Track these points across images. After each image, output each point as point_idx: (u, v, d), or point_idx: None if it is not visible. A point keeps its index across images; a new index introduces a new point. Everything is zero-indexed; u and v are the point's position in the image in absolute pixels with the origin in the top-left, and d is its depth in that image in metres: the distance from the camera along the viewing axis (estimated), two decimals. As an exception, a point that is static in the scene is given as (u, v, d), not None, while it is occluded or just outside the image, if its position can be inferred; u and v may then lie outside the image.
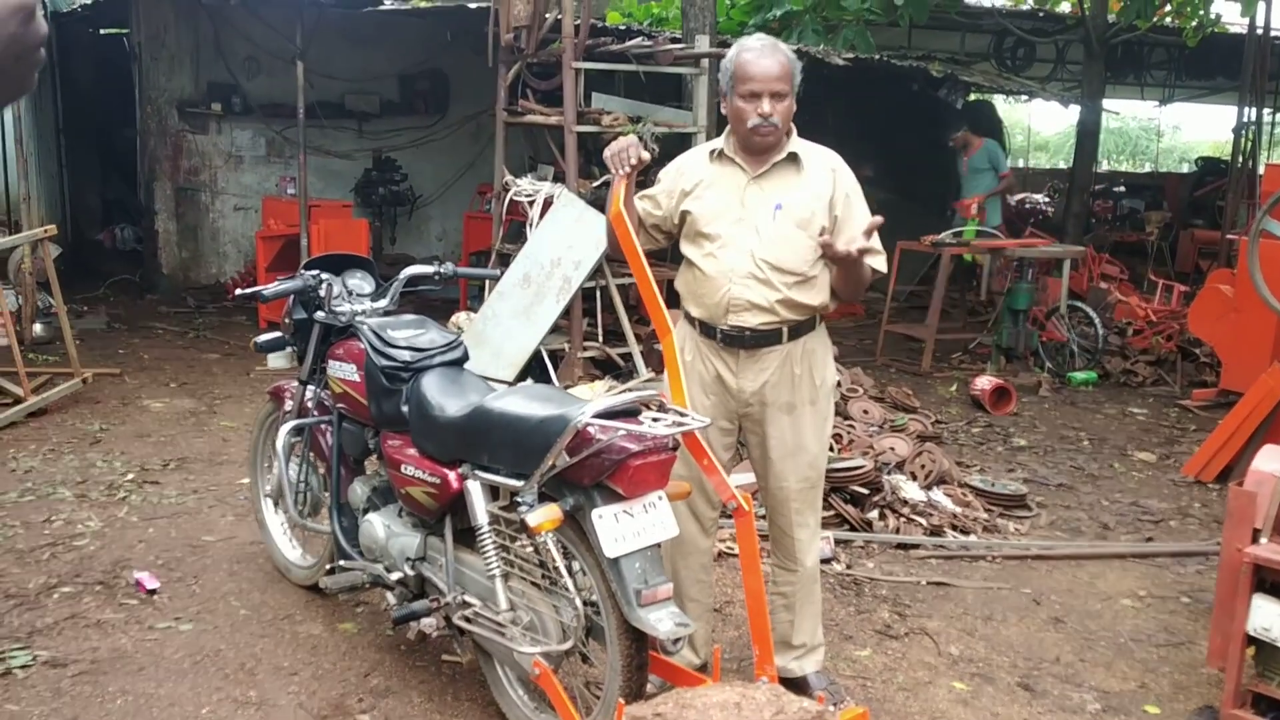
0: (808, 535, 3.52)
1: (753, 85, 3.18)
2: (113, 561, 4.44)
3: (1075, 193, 11.82)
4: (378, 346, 3.53)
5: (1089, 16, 11.25)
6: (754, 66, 3.18)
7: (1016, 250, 8.68)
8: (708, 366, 3.40)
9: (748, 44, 3.26)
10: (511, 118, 7.60)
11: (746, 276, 3.26)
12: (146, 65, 10.29)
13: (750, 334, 3.28)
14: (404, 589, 3.50)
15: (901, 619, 4.27)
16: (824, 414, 3.44)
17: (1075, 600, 4.52)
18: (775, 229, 3.25)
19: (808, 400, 3.36)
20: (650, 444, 2.82)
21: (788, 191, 3.27)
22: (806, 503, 3.48)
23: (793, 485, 3.43)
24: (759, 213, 3.27)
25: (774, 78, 3.17)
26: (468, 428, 3.15)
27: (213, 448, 6.02)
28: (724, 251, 3.28)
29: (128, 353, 8.15)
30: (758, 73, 3.17)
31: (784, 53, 3.22)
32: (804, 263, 3.26)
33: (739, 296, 3.27)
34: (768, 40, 3.28)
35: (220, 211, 10.82)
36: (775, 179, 3.28)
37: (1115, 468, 6.44)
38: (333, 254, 4.12)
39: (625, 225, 3.22)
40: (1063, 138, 39.53)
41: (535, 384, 3.84)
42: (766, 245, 3.25)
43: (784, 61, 3.19)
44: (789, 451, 3.39)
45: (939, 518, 5.23)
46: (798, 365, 3.32)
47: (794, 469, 3.41)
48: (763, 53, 3.20)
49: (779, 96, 3.18)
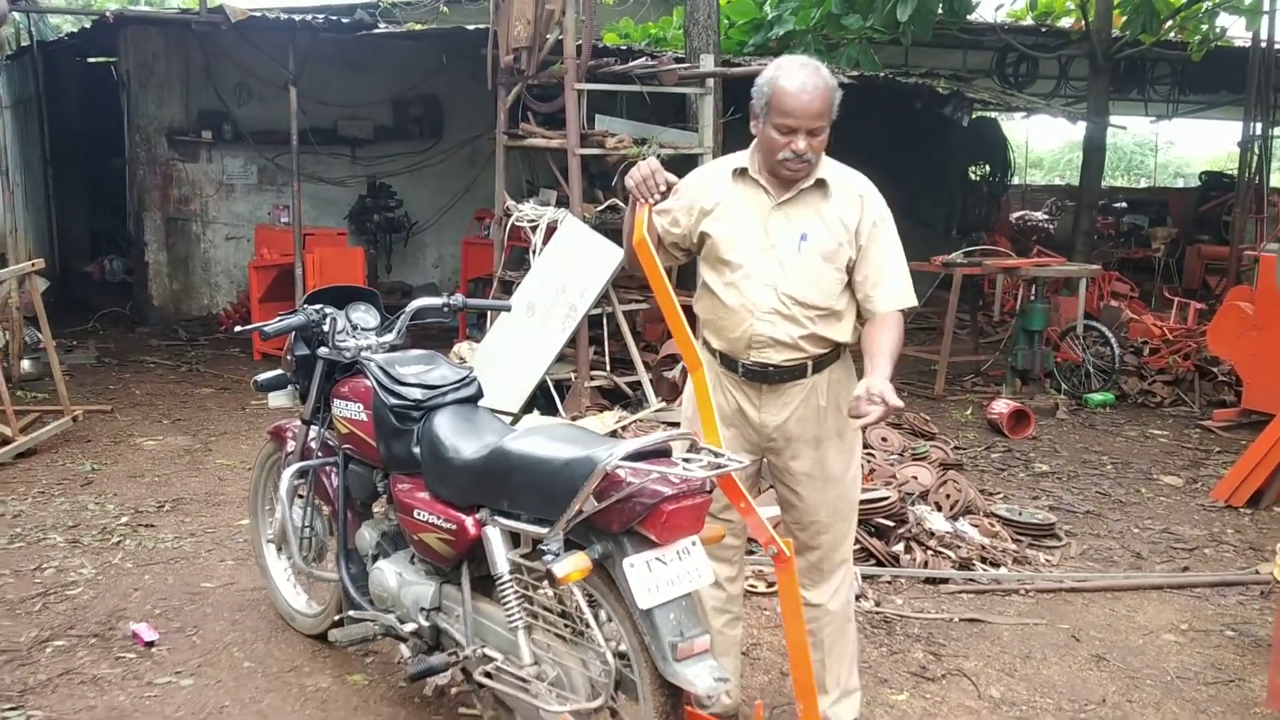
0: (840, 571, 3.33)
1: (789, 120, 2.96)
2: (108, 612, 4.21)
3: (1084, 210, 11.66)
4: (386, 384, 3.33)
5: (1094, 31, 11.12)
6: (792, 100, 2.94)
7: (1031, 270, 8.50)
8: (728, 399, 3.22)
9: (787, 69, 2.99)
10: (512, 141, 7.43)
11: (770, 312, 3.07)
12: (135, 93, 10.11)
13: (773, 370, 3.11)
14: (418, 640, 3.29)
15: (937, 659, 4.07)
16: (852, 445, 3.26)
17: (1116, 636, 4.32)
18: (800, 261, 3.06)
19: (834, 433, 3.17)
20: (684, 487, 2.62)
21: (813, 221, 3.07)
22: (838, 537, 3.30)
23: (824, 519, 3.25)
24: (783, 243, 3.07)
25: (813, 115, 2.95)
26: (486, 471, 2.95)
27: (209, 487, 5.80)
28: (746, 283, 3.09)
29: (119, 388, 7.93)
30: (795, 108, 2.94)
31: (825, 82, 2.97)
32: (830, 297, 3.08)
33: (761, 333, 3.09)
34: (810, 66, 3.00)
35: (212, 241, 10.62)
36: (800, 206, 3.08)
37: (1142, 493, 6.25)
38: (335, 286, 3.92)
39: (650, 253, 3.03)
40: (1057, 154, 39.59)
41: (557, 422, 3.64)
42: (791, 279, 3.06)
43: (825, 94, 2.96)
44: (818, 486, 3.21)
45: (967, 549, 5.03)
46: (823, 398, 3.14)
47: (824, 503, 3.23)
48: (804, 85, 2.94)
49: (815, 133, 2.97)
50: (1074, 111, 13.08)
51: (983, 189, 14.50)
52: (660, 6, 12.60)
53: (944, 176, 13.14)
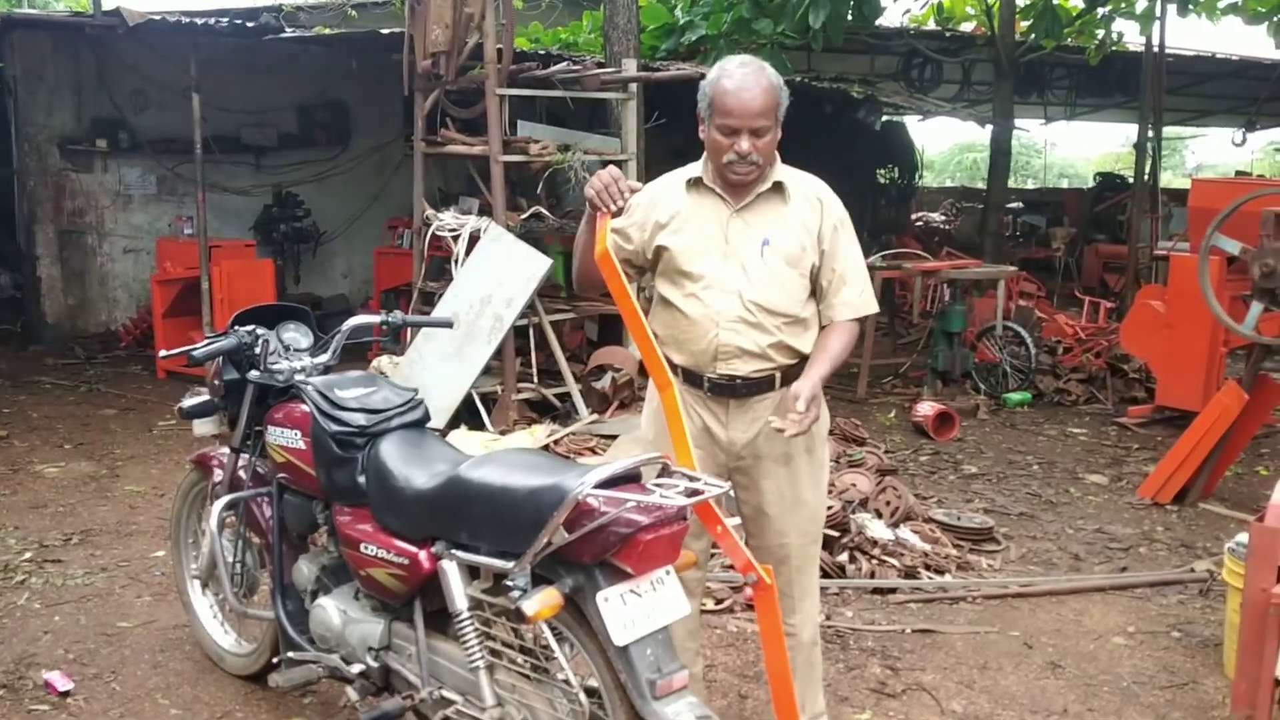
0: (808, 593, 3.24)
1: (730, 120, 2.86)
2: (15, 659, 3.91)
3: (991, 211, 11.85)
4: (325, 409, 3.13)
5: (998, 36, 11.30)
6: (733, 99, 2.84)
7: (950, 272, 8.57)
8: (693, 418, 3.08)
9: (728, 69, 2.90)
10: (431, 148, 7.21)
11: (735, 320, 2.96)
12: (23, 100, 9.59)
13: (741, 382, 2.99)
14: (366, 683, 3.10)
15: (895, 674, 4.01)
16: (821, 461, 3.16)
17: (1067, 641, 4.31)
18: (764, 267, 2.96)
19: (804, 449, 3.07)
20: (660, 515, 2.49)
21: (774, 226, 2.98)
22: (807, 559, 3.20)
23: (794, 541, 3.14)
24: (745, 249, 2.97)
25: (754, 113, 2.84)
26: (441, 501, 2.78)
27: (119, 516, 5.48)
28: (709, 293, 2.98)
29: (13, 411, 7.48)
30: (736, 107, 2.84)
31: (769, 80, 2.88)
32: (796, 303, 2.99)
33: (728, 343, 2.97)
34: (751, 65, 2.91)
35: (109, 254, 10.12)
36: (760, 211, 2.99)
37: (1071, 492, 6.30)
38: (264, 305, 3.69)
39: (614, 267, 2.90)
40: (948, 156, 40.51)
41: (518, 448, 3.48)
42: (755, 285, 2.95)
43: (767, 92, 2.86)
44: (788, 506, 3.10)
45: (910, 557, 5.00)
46: None
47: (794, 524, 3.12)
48: (744, 83, 2.85)
49: (759, 133, 2.86)
50: (978, 114, 13.29)
51: (892, 192, 14.68)
52: (570, 11, 12.45)
53: (854, 180, 13.19)
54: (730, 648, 4.15)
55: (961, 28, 14.01)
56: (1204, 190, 8.25)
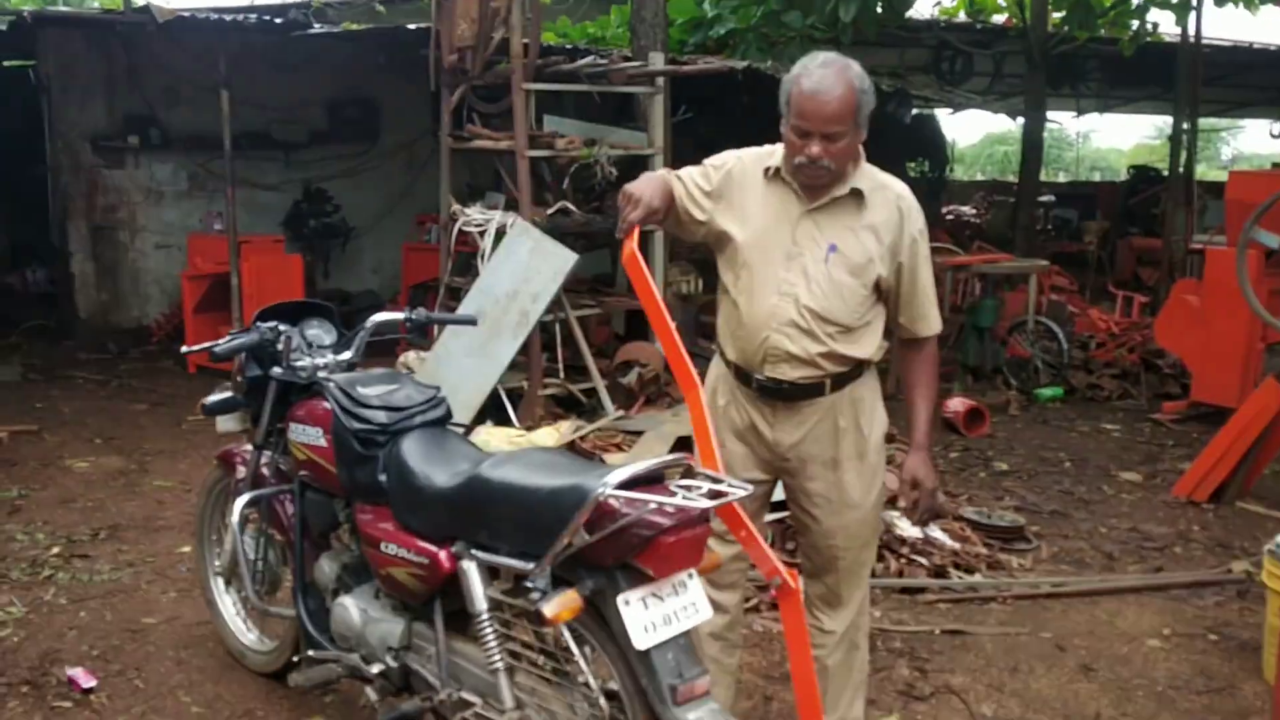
0: (854, 597, 3.16)
1: (803, 123, 2.77)
2: (40, 655, 3.93)
3: (1023, 205, 11.70)
4: (347, 407, 3.10)
5: (1030, 28, 11.14)
6: (807, 101, 2.74)
7: (982, 266, 8.46)
8: (741, 414, 3.05)
9: (809, 68, 2.78)
10: (457, 143, 7.19)
11: (788, 324, 2.89)
12: (56, 98, 9.65)
13: (789, 386, 2.92)
14: (386, 683, 3.08)
15: (923, 676, 3.95)
16: (874, 466, 3.06)
17: (1100, 643, 4.24)
18: (826, 274, 2.87)
19: (854, 454, 3.00)
20: (682, 517, 2.45)
21: (845, 232, 2.88)
22: (857, 563, 3.13)
23: (841, 544, 3.07)
24: (810, 253, 2.89)
25: (827, 118, 2.73)
26: (461, 500, 2.75)
27: (147, 511, 5.50)
28: (764, 292, 2.91)
29: (45, 406, 7.54)
30: (809, 109, 2.74)
31: (849, 82, 2.74)
32: (853, 315, 2.89)
33: (777, 346, 2.91)
34: (833, 67, 2.77)
35: (141, 250, 10.17)
36: (833, 215, 2.89)
37: (1104, 490, 6.21)
38: (288, 302, 3.68)
39: (641, 269, 2.82)
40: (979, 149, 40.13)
41: (540, 448, 3.46)
42: (815, 293, 2.87)
43: (845, 95, 2.73)
44: (835, 510, 3.03)
45: (939, 556, 4.93)
46: (842, 417, 2.95)
47: (842, 528, 3.04)
48: (820, 85, 2.73)
49: (833, 138, 2.75)
50: (1009, 107, 13.13)
51: (922, 185, 14.51)
52: (598, 5, 12.40)
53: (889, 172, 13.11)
54: (756, 648, 4.10)
55: (993, 20, 13.84)
56: (1242, 182, 8.09)
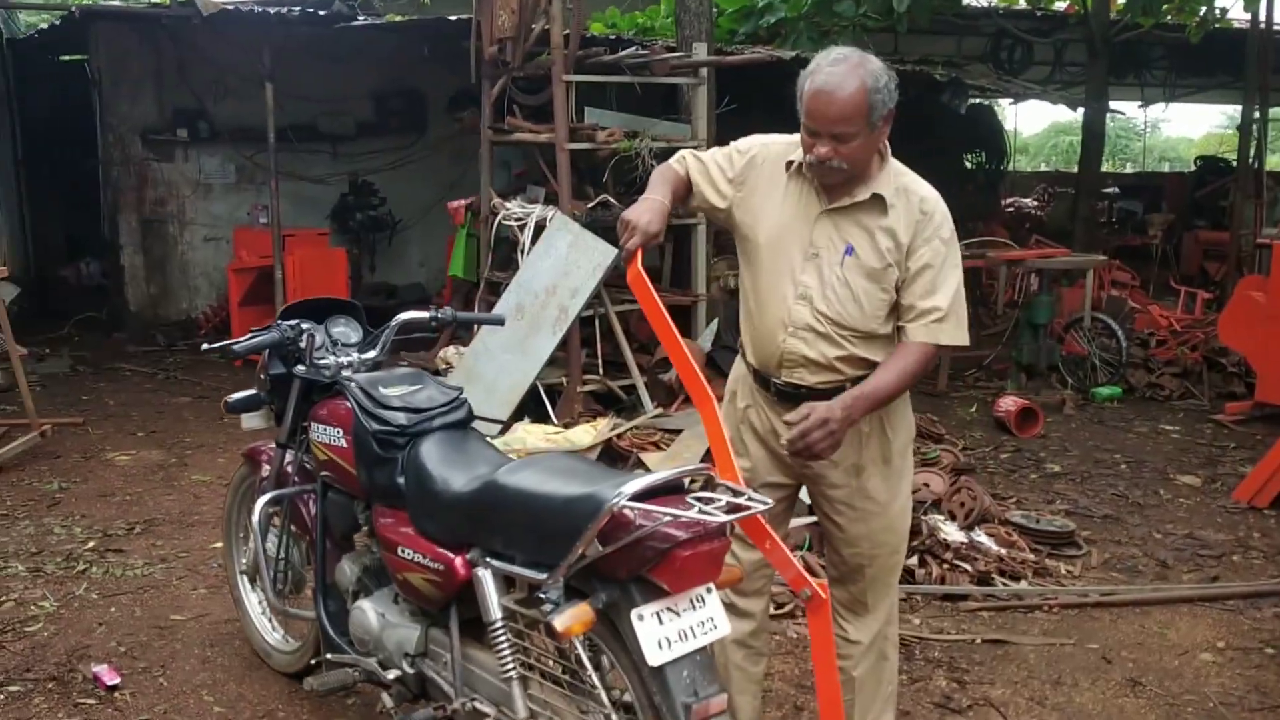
0: (881, 605, 3.04)
1: (810, 123, 2.64)
2: (68, 650, 3.92)
3: (1083, 197, 11.40)
4: (367, 407, 3.03)
5: (1091, 15, 10.84)
6: (812, 100, 2.62)
7: (1036, 261, 8.23)
8: (761, 417, 2.95)
9: (821, 65, 2.64)
10: (497, 136, 7.13)
11: (804, 329, 2.78)
12: (107, 92, 9.75)
13: (807, 392, 2.80)
14: (403, 689, 3.01)
15: (961, 687, 3.81)
16: (900, 472, 2.94)
17: (1149, 656, 4.06)
18: (842, 278, 2.75)
19: (879, 459, 2.88)
20: (700, 531, 2.34)
21: (863, 235, 2.74)
22: (883, 570, 3.00)
23: (866, 551, 2.96)
24: (827, 254, 2.76)
25: (832, 119, 2.60)
26: (477, 507, 2.67)
27: (183, 506, 5.50)
28: (779, 292, 2.81)
29: (92, 399, 7.61)
30: (814, 109, 2.62)
31: (860, 81, 2.59)
32: (871, 320, 2.75)
33: (794, 351, 2.80)
34: (845, 64, 2.62)
35: (189, 243, 10.26)
36: (852, 217, 2.75)
37: (1160, 494, 5.99)
38: (314, 299, 3.62)
39: (647, 290, 2.74)
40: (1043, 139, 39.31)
41: (557, 454, 3.37)
42: (828, 297, 2.76)
43: (854, 95, 2.58)
44: (859, 517, 2.92)
45: (984, 562, 4.77)
46: (865, 422, 2.82)
47: (867, 535, 2.93)
48: (828, 83, 2.59)
49: (842, 139, 2.61)
50: (1070, 97, 12.80)
51: (979, 177, 14.24)
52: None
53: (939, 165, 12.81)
54: (789, 655, 3.99)
55: (1053, 6, 13.51)
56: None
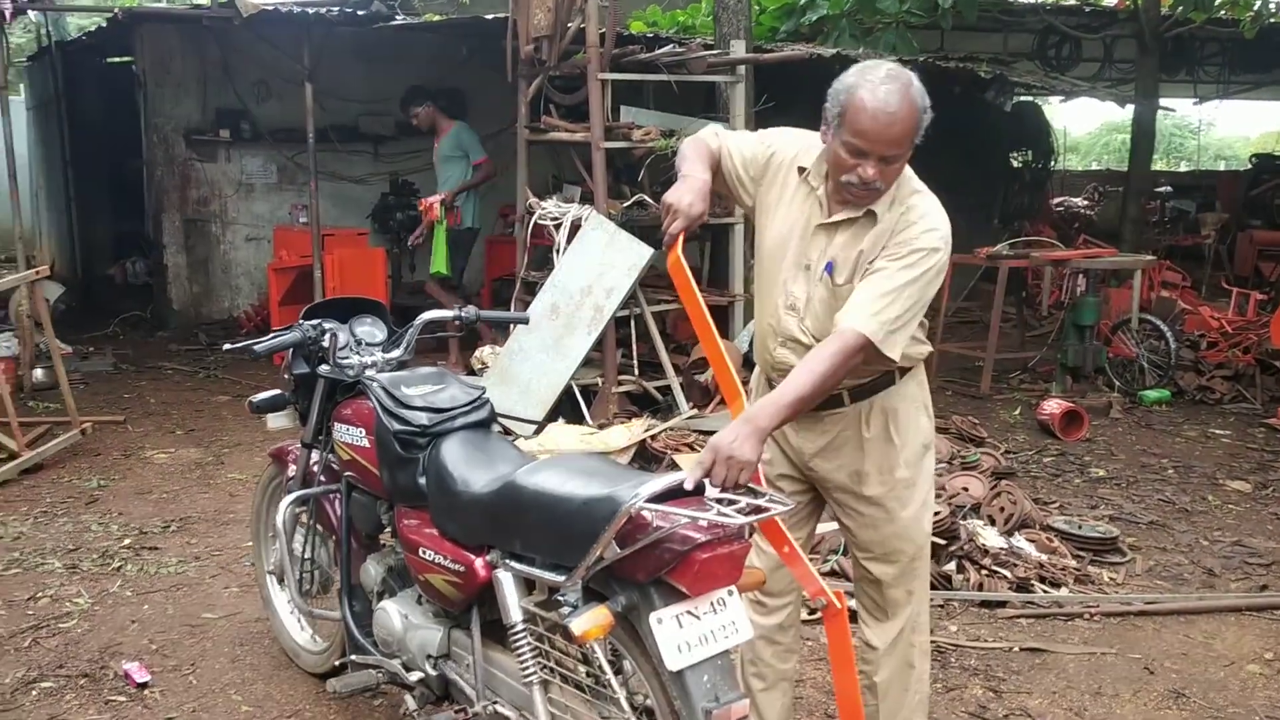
0: (901, 613, 2.94)
1: (861, 142, 2.51)
2: (101, 648, 3.94)
3: (1132, 196, 11.18)
4: (389, 407, 3.01)
5: (1142, 10, 10.63)
6: (869, 120, 2.48)
7: (1082, 262, 8.08)
8: None
9: (871, 80, 2.51)
10: (534, 135, 7.10)
11: (791, 340, 2.75)
12: (152, 92, 9.85)
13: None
14: (426, 690, 2.98)
15: (997, 696, 3.72)
16: (910, 480, 2.84)
17: (1193, 667, 3.95)
18: (820, 293, 2.69)
19: (883, 467, 2.81)
20: (719, 533, 2.29)
21: (845, 249, 2.66)
22: (903, 577, 2.91)
23: (879, 556, 2.89)
24: (815, 267, 2.71)
25: (889, 140, 2.50)
26: (496, 508, 2.63)
27: (218, 504, 5.52)
28: (772, 300, 2.79)
29: (133, 397, 7.68)
30: (870, 129, 2.49)
31: (913, 101, 2.50)
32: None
33: (783, 362, 2.76)
34: (898, 81, 2.51)
35: (231, 243, 10.34)
36: (844, 232, 2.67)
37: (1208, 500, 5.84)
38: (339, 298, 3.62)
39: (685, 277, 2.68)
40: (1094, 138, 38.72)
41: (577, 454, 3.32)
42: (811, 310, 2.71)
43: (910, 118, 2.49)
44: (868, 523, 2.86)
45: (1024, 568, 4.67)
46: (868, 428, 2.77)
47: (877, 540, 2.86)
48: (886, 104, 2.47)
49: (890, 160, 2.53)
50: (1120, 94, 12.58)
51: (1025, 176, 14.01)
52: (689, -8, 12.21)
53: (985, 164, 12.66)
54: (821, 662, 3.91)
55: (1102, 2, 13.27)
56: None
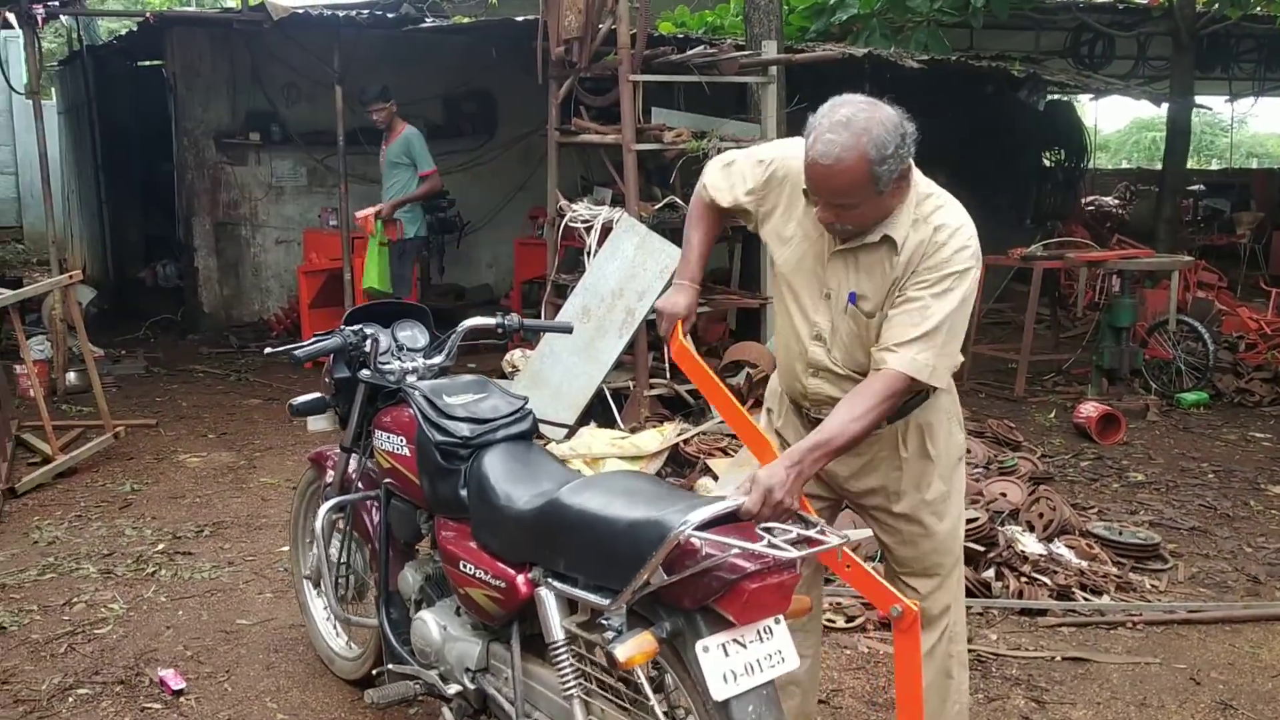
0: (939, 622, 2.89)
1: (811, 188, 2.51)
2: (136, 654, 3.93)
3: (1167, 196, 11.05)
4: (431, 417, 2.97)
5: (1176, 7, 10.50)
6: (810, 169, 2.46)
7: (1117, 263, 7.97)
8: (798, 437, 2.83)
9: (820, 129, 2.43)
10: (564, 137, 7.07)
11: (823, 369, 2.73)
12: (182, 96, 9.90)
13: None
14: (464, 703, 2.95)
15: (1040, 708, 3.66)
16: (945, 494, 2.81)
17: (1240, 678, 3.87)
18: (847, 325, 2.65)
19: (921, 484, 2.77)
20: (770, 562, 2.24)
21: (868, 277, 2.60)
22: (938, 585, 2.87)
23: (917, 570, 2.86)
24: (837, 296, 2.66)
25: (831, 191, 2.45)
26: (539, 525, 2.58)
27: (251, 509, 5.52)
28: (799, 332, 2.75)
29: (165, 400, 7.70)
30: (814, 179, 2.47)
31: (862, 154, 2.37)
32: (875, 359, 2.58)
33: (817, 391, 2.75)
34: (846, 131, 2.39)
35: (261, 245, 10.37)
36: (863, 259, 2.61)
37: (1251, 505, 5.75)
38: (381, 303, 3.59)
39: (692, 359, 2.77)
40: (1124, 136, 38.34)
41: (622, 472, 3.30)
42: (838, 342, 2.68)
43: (851, 171, 2.39)
44: (905, 539, 2.83)
45: (1064, 575, 4.60)
46: (904, 447, 2.73)
47: (914, 556, 2.83)
48: (826, 153, 2.39)
49: (846, 208, 2.48)
50: (1154, 92, 12.43)
51: (1058, 175, 13.89)
52: (717, -7, 12.15)
53: (1017, 163, 12.55)
54: (860, 671, 3.87)
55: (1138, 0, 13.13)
56: None
